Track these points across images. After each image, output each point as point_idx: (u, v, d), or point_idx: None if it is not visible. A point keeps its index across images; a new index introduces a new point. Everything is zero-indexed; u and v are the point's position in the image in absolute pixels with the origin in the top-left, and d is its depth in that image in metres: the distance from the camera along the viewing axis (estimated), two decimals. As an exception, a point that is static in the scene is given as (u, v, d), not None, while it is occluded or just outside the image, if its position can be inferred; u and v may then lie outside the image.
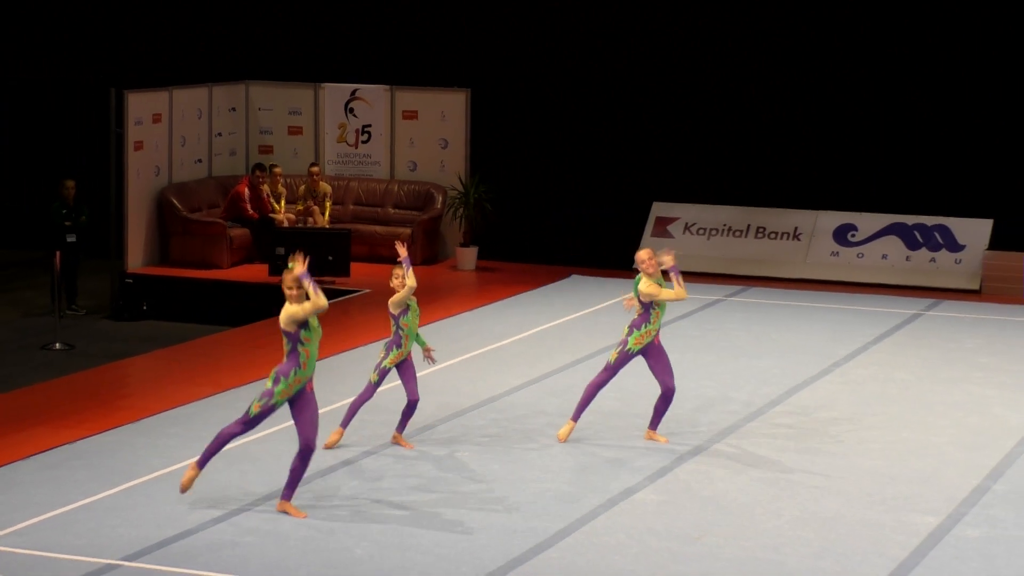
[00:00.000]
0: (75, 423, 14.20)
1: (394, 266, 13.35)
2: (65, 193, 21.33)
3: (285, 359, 11.61)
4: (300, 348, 11.57)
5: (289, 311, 11.55)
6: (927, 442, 14.01)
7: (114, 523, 11.54)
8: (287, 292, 11.57)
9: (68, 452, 13.31)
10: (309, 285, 11.53)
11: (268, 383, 11.63)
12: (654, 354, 13.68)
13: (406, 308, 13.33)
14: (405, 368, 13.41)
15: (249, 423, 11.74)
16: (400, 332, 13.31)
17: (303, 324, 11.55)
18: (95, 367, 17.19)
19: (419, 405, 13.53)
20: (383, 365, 13.34)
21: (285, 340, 11.61)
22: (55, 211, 21.24)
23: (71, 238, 21.14)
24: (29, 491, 12.25)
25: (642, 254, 13.56)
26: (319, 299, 11.48)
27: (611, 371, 13.74)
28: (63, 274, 20.44)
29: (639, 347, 13.61)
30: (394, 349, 13.33)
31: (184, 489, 11.75)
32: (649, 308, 13.57)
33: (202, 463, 11.78)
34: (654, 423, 13.92)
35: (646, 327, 13.58)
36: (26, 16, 25.71)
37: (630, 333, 13.61)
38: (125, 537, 11.24)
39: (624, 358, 13.66)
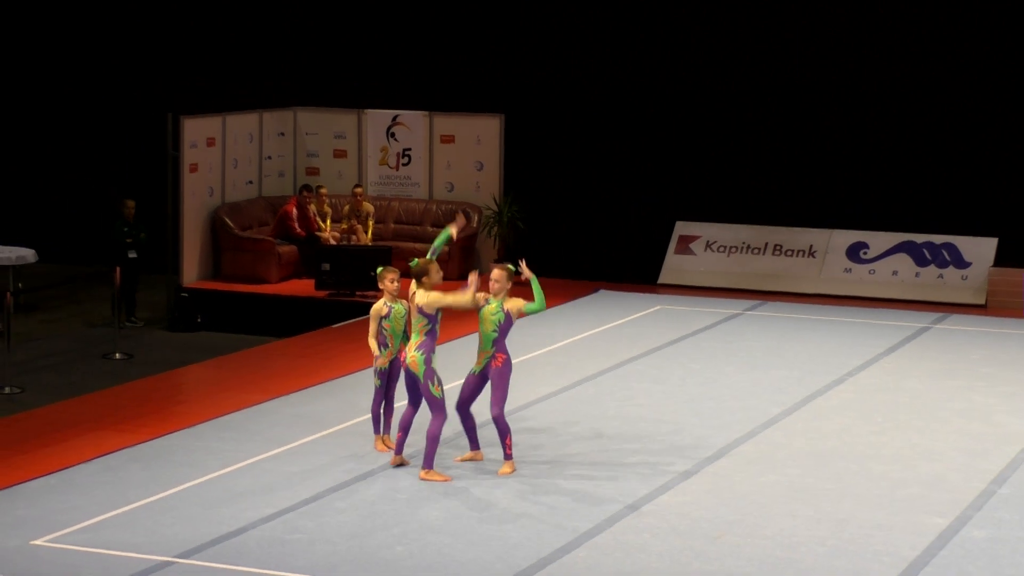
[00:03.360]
0: (134, 428, 14.23)
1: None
2: (126, 212, 21.43)
3: (425, 337, 12.45)
4: (436, 328, 12.54)
5: (432, 297, 12.57)
6: (934, 448, 13.94)
7: (170, 522, 11.56)
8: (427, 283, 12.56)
9: (127, 455, 13.35)
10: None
11: (422, 366, 12.40)
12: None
13: (388, 311, 13.23)
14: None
15: (442, 406, 12.51)
16: (383, 333, 13.23)
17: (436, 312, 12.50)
18: (153, 375, 17.23)
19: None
20: (376, 367, 13.25)
21: (425, 322, 12.46)
22: (117, 229, 21.34)
23: (132, 254, 21.23)
24: (91, 492, 12.29)
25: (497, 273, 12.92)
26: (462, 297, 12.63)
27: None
28: (123, 288, 20.47)
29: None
30: (382, 349, 13.23)
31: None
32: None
33: (429, 465, 12.60)
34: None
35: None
36: (90, 47, 25.82)
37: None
38: (180, 535, 11.26)
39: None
